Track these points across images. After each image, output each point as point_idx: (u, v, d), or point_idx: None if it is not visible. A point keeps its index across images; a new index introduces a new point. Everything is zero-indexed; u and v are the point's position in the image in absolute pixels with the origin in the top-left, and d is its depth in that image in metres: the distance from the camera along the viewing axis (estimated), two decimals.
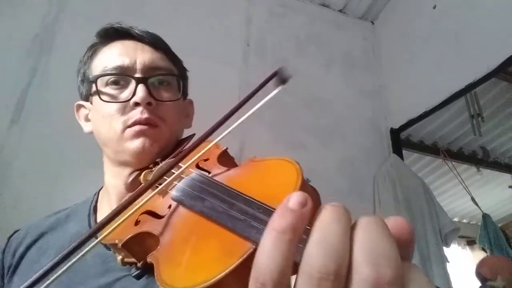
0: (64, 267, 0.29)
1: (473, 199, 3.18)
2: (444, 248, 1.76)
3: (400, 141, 2.07)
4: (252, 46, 1.96)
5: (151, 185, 0.36)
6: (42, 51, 1.49)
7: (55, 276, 0.28)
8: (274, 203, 0.27)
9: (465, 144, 3.25)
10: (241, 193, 0.31)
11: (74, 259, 0.30)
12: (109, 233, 0.34)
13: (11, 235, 0.63)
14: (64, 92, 1.41)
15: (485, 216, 3.30)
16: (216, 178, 0.40)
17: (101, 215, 0.59)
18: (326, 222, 0.20)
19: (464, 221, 5.04)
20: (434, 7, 1.89)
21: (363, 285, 0.18)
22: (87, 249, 0.31)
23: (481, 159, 3.35)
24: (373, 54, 2.28)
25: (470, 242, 4.94)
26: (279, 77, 0.31)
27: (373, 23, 2.40)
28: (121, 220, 0.34)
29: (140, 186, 0.42)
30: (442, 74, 1.78)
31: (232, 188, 0.33)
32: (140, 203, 0.36)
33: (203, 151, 0.40)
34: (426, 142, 3.05)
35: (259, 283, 0.20)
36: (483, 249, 3.51)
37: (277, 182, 0.32)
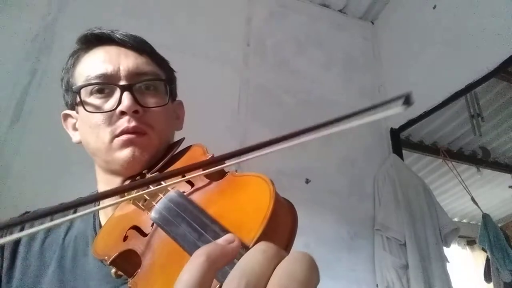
0: (55, 222, 0.30)
1: (473, 199, 3.18)
2: (444, 248, 1.76)
3: (400, 141, 2.07)
4: (252, 46, 1.96)
5: (135, 187, 0.36)
6: (42, 51, 1.49)
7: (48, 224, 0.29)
8: (241, 233, 0.28)
9: (465, 144, 3.25)
10: (212, 221, 0.32)
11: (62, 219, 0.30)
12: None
13: None
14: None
15: (485, 216, 3.30)
16: (195, 195, 0.40)
17: (102, 218, 0.59)
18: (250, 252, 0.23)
19: (464, 221, 5.03)
20: (434, 7, 1.89)
21: None
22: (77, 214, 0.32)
23: (481, 159, 3.35)
24: (373, 54, 2.28)
25: (470, 242, 4.94)
26: (406, 99, 0.31)
27: (373, 23, 2.40)
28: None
29: (128, 184, 0.42)
30: (442, 74, 1.78)
31: (205, 214, 0.33)
32: (114, 201, 0.36)
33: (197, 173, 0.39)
34: (426, 142, 3.04)
35: None
36: (483, 249, 3.51)
37: (249, 207, 0.33)
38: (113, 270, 0.40)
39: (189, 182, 0.43)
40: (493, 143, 3.32)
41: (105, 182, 0.57)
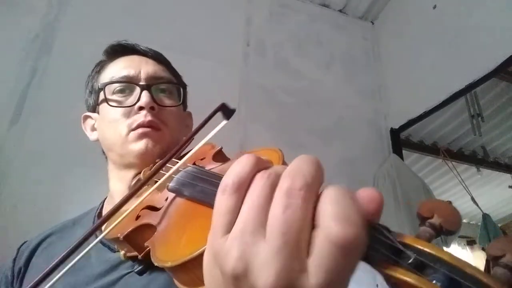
0: (72, 262, 0.31)
1: (473, 199, 3.18)
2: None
3: (400, 141, 2.07)
4: (252, 46, 1.95)
5: (149, 179, 0.38)
6: (42, 51, 1.49)
7: (65, 269, 0.30)
8: None
9: (465, 144, 3.25)
10: None
11: (80, 255, 0.32)
12: (112, 228, 0.37)
13: (21, 246, 0.65)
14: (64, 92, 1.41)
15: (485, 216, 3.29)
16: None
17: None
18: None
19: (464, 221, 5.03)
20: (434, 7, 1.89)
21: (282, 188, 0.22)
22: (91, 244, 0.33)
23: (481, 159, 3.35)
24: (373, 54, 2.28)
25: (470, 242, 4.94)
26: (224, 112, 0.37)
27: (373, 23, 2.39)
28: (123, 216, 0.36)
29: (140, 181, 0.44)
30: (442, 74, 1.78)
31: (220, 174, 0.36)
32: (140, 199, 0.39)
33: (193, 151, 0.43)
34: (426, 142, 3.04)
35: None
36: (483, 249, 3.50)
37: None
38: (122, 252, 0.41)
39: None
40: (493, 143, 3.32)
41: (118, 178, 0.61)
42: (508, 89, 2.68)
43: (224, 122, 0.36)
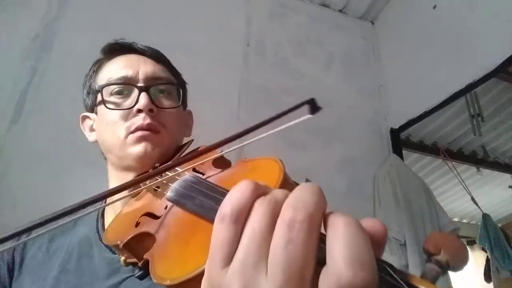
0: (70, 218, 0.31)
1: (473, 199, 3.18)
2: None
3: (400, 141, 2.07)
4: (252, 46, 1.95)
5: (148, 177, 0.38)
6: (42, 51, 1.49)
7: (58, 223, 0.30)
8: None
9: (465, 144, 3.25)
10: (227, 190, 0.34)
11: (77, 215, 0.32)
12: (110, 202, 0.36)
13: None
14: (64, 92, 1.42)
15: (485, 216, 3.30)
16: (208, 179, 0.42)
17: (108, 220, 0.60)
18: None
19: (464, 221, 5.04)
20: (434, 7, 1.89)
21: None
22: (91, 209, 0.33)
23: (481, 159, 3.35)
24: (373, 54, 2.28)
25: (470, 242, 4.93)
26: (311, 107, 0.35)
27: (373, 23, 2.40)
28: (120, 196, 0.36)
29: (139, 176, 0.44)
30: (442, 74, 1.78)
31: (219, 186, 0.36)
32: (137, 189, 0.38)
33: (202, 160, 0.42)
34: (426, 142, 3.05)
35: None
36: (483, 249, 3.50)
37: (261, 179, 0.35)
38: (123, 258, 0.41)
39: (200, 173, 0.45)
40: (493, 143, 3.32)
41: (117, 180, 0.60)
42: (508, 89, 2.68)
43: (308, 116, 0.36)
